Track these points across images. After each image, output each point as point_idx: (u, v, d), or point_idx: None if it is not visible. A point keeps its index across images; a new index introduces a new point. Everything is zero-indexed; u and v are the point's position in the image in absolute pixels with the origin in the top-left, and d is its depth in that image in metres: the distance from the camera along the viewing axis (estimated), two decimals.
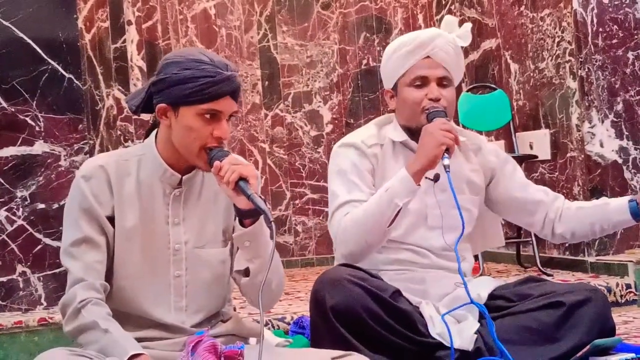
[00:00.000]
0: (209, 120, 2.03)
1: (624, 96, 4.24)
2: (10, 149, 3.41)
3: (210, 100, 2.02)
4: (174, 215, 2.11)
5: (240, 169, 1.97)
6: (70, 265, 2.06)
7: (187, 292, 2.12)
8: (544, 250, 4.54)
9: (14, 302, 3.38)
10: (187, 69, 2.02)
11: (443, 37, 2.56)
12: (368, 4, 5.55)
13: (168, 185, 2.11)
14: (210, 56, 2.06)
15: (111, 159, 2.13)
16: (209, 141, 2.04)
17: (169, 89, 2.04)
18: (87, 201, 2.07)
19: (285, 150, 5.48)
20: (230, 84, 2.04)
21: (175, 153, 2.09)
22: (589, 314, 2.41)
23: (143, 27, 5.27)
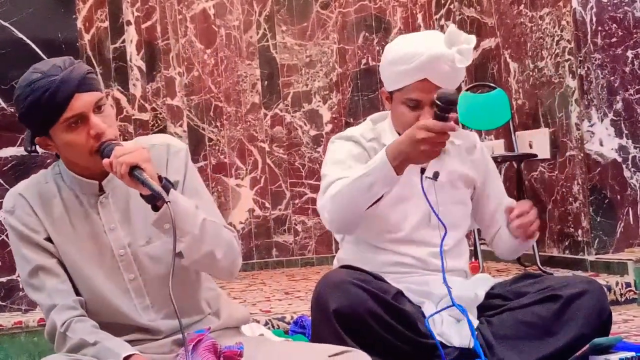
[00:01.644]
0: (78, 126, 1.96)
1: (624, 95, 4.24)
2: (10, 150, 3.41)
3: (62, 111, 1.93)
4: (108, 221, 2.07)
5: (127, 159, 1.90)
6: (37, 297, 2.05)
7: (149, 292, 2.08)
8: (544, 249, 4.54)
9: (13, 302, 3.38)
10: (27, 97, 1.94)
11: (443, 59, 2.44)
12: (367, 4, 5.55)
13: (91, 195, 2.07)
14: (41, 69, 1.97)
15: (30, 184, 2.10)
16: (91, 144, 1.97)
17: (28, 123, 2.00)
18: (20, 232, 2.05)
19: (284, 149, 5.48)
20: (69, 83, 1.94)
21: (82, 166, 2.05)
22: (586, 305, 2.41)
23: (142, 27, 5.28)
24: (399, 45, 2.54)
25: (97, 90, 1.99)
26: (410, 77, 2.47)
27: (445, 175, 2.58)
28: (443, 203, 2.55)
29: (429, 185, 2.53)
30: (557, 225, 4.47)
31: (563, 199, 4.40)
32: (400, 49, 2.51)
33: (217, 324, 2.15)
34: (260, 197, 5.44)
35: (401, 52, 2.49)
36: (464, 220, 2.65)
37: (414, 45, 2.48)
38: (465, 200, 2.64)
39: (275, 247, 5.37)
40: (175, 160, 2.08)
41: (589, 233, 4.20)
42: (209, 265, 2.06)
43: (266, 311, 3.53)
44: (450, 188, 2.60)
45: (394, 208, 2.56)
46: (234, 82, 5.46)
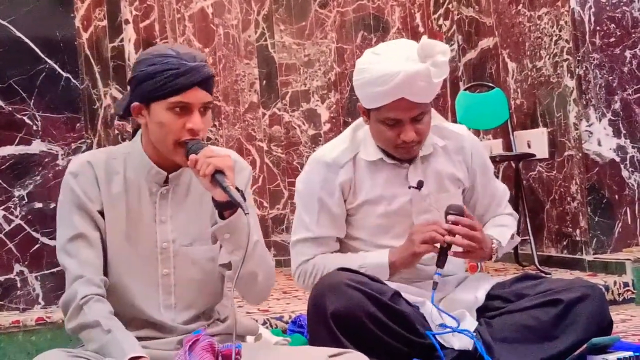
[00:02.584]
0: (180, 114, 2.01)
1: (622, 95, 4.24)
2: (8, 148, 3.40)
3: (177, 93, 2.00)
4: (161, 213, 2.11)
5: (215, 161, 1.95)
6: (68, 262, 2.05)
7: (176, 290, 2.11)
8: (542, 248, 4.54)
9: (11, 301, 3.38)
10: (152, 64, 2.02)
11: (418, 76, 2.38)
12: (365, 3, 5.55)
13: (154, 183, 2.11)
14: (177, 49, 2.05)
15: (100, 155, 2.13)
16: (182, 135, 2.02)
17: (138, 86, 2.04)
18: (78, 197, 2.07)
19: (283, 149, 5.48)
20: (196, 74, 2.01)
21: (158, 151, 2.08)
22: (587, 310, 2.40)
23: (140, 26, 5.27)
24: (372, 65, 2.45)
25: (211, 94, 2.07)
26: (387, 98, 2.42)
27: (432, 179, 2.58)
28: (428, 210, 2.55)
29: (414, 195, 2.54)
30: (555, 225, 4.47)
31: (561, 199, 4.40)
32: (374, 70, 2.43)
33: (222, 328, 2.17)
34: (258, 197, 5.43)
35: (375, 74, 2.42)
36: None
37: (389, 65, 2.40)
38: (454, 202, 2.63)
39: (273, 246, 5.37)
40: (239, 177, 2.11)
41: (587, 233, 4.21)
42: (249, 285, 2.10)
43: (264, 310, 3.53)
44: (438, 192, 2.59)
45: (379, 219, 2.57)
46: (232, 82, 5.45)
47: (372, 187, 2.56)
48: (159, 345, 2.07)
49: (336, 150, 2.60)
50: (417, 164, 2.57)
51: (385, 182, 2.56)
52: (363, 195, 2.56)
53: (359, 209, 2.58)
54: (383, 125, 2.47)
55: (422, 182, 2.54)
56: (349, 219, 2.61)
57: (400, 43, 2.55)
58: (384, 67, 2.41)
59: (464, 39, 5.30)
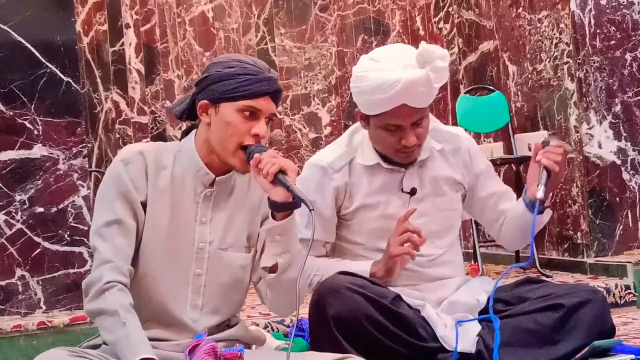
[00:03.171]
0: (248, 118, 2.06)
1: (622, 97, 4.24)
2: (9, 153, 3.40)
3: (250, 97, 2.06)
4: (202, 214, 2.13)
5: (280, 162, 2.00)
6: (100, 245, 2.06)
7: (205, 292, 2.13)
8: (543, 251, 4.54)
9: (13, 305, 3.38)
10: (230, 67, 2.08)
11: (418, 83, 2.38)
12: (366, 6, 5.56)
13: (201, 184, 2.13)
14: (254, 60, 2.13)
15: (151, 148, 2.15)
16: (246, 139, 2.06)
17: (212, 85, 2.08)
18: (124, 184, 2.08)
19: (283, 152, 5.48)
20: (270, 84, 2.08)
21: (212, 153, 2.11)
22: (589, 315, 2.40)
23: (141, 30, 5.28)
24: (371, 73, 2.44)
25: (278, 106, 2.14)
26: (387, 105, 2.42)
27: (429, 183, 2.57)
28: (424, 214, 2.55)
29: (406, 201, 2.54)
30: (556, 228, 4.47)
31: (562, 202, 4.40)
32: (373, 78, 2.42)
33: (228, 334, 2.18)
34: None
35: (374, 82, 2.41)
36: (452, 225, 2.64)
37: (388, 73, 2.40)
38: (451, 205, 2.62)
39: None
40: None
41: (588, 235, 4.20)
42: (287, 291, 2.11)
43: (266, 314, 3.53)
44: (435, 196, 2.58)
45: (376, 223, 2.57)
46: None
47: (368, 191, 2.56)
48: (169, 347, 2.08)
49: (332, 155, 2.61)
50: (413, 169, 2.57)
51: (381, 186, 2.56)
52: (359, 199, 2.57)
53: (356, 213, 2.58)
54: (383, 131, 2.47)
55: (416, 189, 2.55)
56: (347, 224, 2.60)
57: (397, 49, 2.53)
58: (383, 75, 2.40)
59: (464, 42, 5.30)
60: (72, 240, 3.39)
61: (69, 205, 3.39)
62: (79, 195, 3.41)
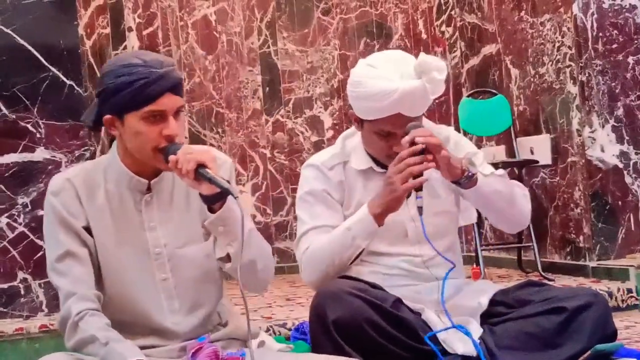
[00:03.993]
0: (155, 122, 2.01)
1: (625, 101, 4.24)
2: (12, 156, 3.41)
3: (149, 102, 1.99)
4: (149, 220, 2.10)
5: (195, 157, 1.95)
6: (59, 281, 2.06)
7: (178, 294, 2.11)
8: (545, 255, 4.54)
9: (15, 308, 3.38)
10: (120, 75, 2.00)
11: (415, 93, 2.38)
12: (368, 10, 5.56)
13: (137, 192, 2.10)
14: (143, 57, 2.03)
15: (78, 172, 2.13)
16: (159, 142, 2.01)
17: (110, 99, 2.02)
18: (61, 215, 2.07)
19: (286, 155, 5.48)
20: (166, 80, 2.00)
21: (137, 160, 2.07)
22: (591, 319, 2.40)
23: (144, 33, 5.28)
24: (369, 80, 2.43)
25: (182, 97, 2.06)
26: (383, 113, 2.42)
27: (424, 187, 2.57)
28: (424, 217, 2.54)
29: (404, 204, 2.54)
30: (558, 232, 4.47)
31: (564, 205, 4.39)
32: (370, 85, 2.42)
33: (223, 333, 2.16)
34: (261, 204, 5.44)
35: (371, 90, 2.41)
36: (449, 227, 2.63)
37: (385, 82, 2.40)
38: (447, 207, 2.61)
39: (276, 253, 5.37)
40: (221, 171, 2.10)
41: (591, 239, 4.20)
42: (249, 274, 2.08)
43: (267, 317, 3.53)
44: (429, 198, 2.58)
45: None
46: (235, 89, 5.46)
47: (363, 195, 2.56)
48: (162, 353, 2.07)
49: (324, 156, 2.63)
50: None
51: (376, 190, 2.56)
52: (355, 203, 2.57)
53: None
54: (376, 136, 2.48)
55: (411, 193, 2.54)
56: None
57: (396, 56, 2.52)
58: (381, 84, 2.40)
59: (466, 46, 5.30)
60: None
61: None
62: None
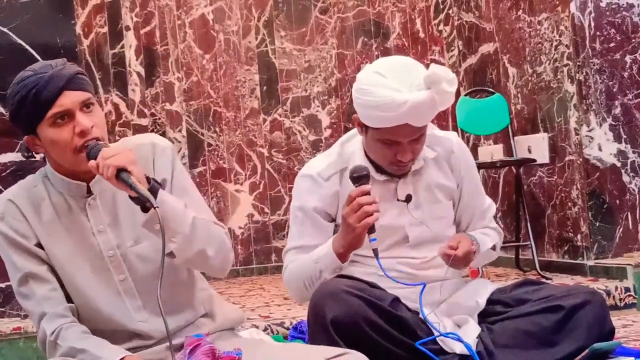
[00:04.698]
0: (64, 123, 1.96)
1: (622, 100, 4.24)
2: (9, 155, 3.40)
3: (49, 107, 1.95)
4: (97, 223, 2.07)
5: (113, 162, 1.90)
6: (26, 305, 2.05)
7: (140, 292, 2.08)
8: (543, 254, 4.54)
9: (12, 308, 3.38)
10: (16, 93, 1.97)
11: (424, 105, 2.36)
12: (366, 9, 5.56)
13: (79, 197, 2.07)
14: (34, 67, 2.00)
15: (19, 190, 2.10)
16: (76, 142, 1.97)
17: (17, 120, 2.00)
18: (11, 238, 2.04)
19: (283, 155, 5.49)
20: (57, 80, 1.95)
21: (68, 168, 2.04)
22: (588, 317, 2.40)
23: (141, 32, 5.28)
24: (377, 89, 2.40)
25: (86, 91, 2.00)
26: (390, 122, 2.40)
27: (423, 191, 2.57)
28: (421, 222, 2.54)
29: (403, 208, 2.54)
30: (556, 230, 4.47)
31: (562, 204, 4.40)
32: (379, 95, 2.39)
33: (213, 327, 2.15)
34: (259, 202, 5.44)
35: (380, 100, 2.38)
36: (447, 232, 2.62)
37: (395, 93, 2.37)
38: (446, 213, 2.61)
39: (274, 252, 5.37)
40: (161, 159, 2.09)
41: (588, 238, 4.21)
42: (201, 263, 2.07)
43: (265, 316, 3.53)
44: (429, 203, 2.58)
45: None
46: (233, 88, 5.46)
47: None
48: (150, 355, 2.05)
49: (321, 165, 2.59)
50: (407, 178, 2.56)
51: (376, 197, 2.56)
52: None
53: None
54: (381, 144, 2.46)
55: (411, 196, 2.54)
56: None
57: (405, 65, 2.47)
58: (390, 94, 2.37)
59: (464, 45, 5.31)
60: None
61: None
62: None
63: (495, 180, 4.98)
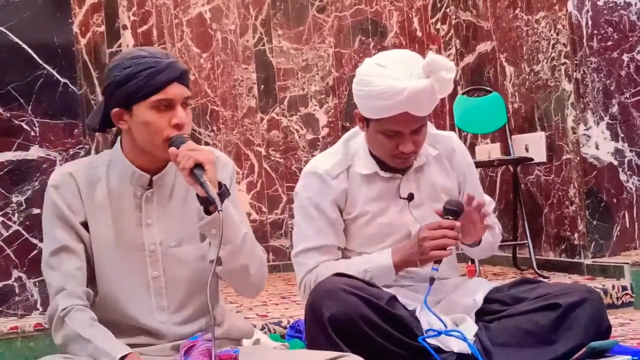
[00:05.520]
0: (164, 111, 2.01)
1: (619, 98, 4.24)
2: (6, 154, 3.40)
3: (157, 91, 2.00)
4: (147, 216, 2.10)
5: (195, 155, 1.95)
6: (50, 276, 2.06)
7: (167, 292, 2.10)
8: (540, 252, 4.54)
9: (9, 307, 3.38)
10: (127, 67, 2.02)
11: (423, 93, 2.39)
12: (363, 8, 5.56)
13: (139, 187, 2.10)
14: (148, 50, 2.07)
15: (80, 166, 2.12)
16: (169, 132, 2.01)
17: (116, 92, 2.03)
18: (60, 210, 2.07)
19: (281, 153, 5.48)
20: (173, 70, 2.02)
21: (142, 154, 2.07)
22: (585, 315, 2.40)
23: (138, 31, 5.28)
24: (377, 79, 2.43)
25: (189, 89, 2.07)
26: (389, 111, 2.42)
27: (426, 189, 2.58)
28: (423, 219, 2.55)
29: (404, 206, 2.55)
30: (553, 229, 4.47)
31: (559, 203, 4.40)
32: (378, 84, 2.42)
33: (218, 333, 2.16)
34: (256, 201, 5.43)
35: (379, 88, 2.41)
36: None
37: (393, 81, 2.40)
38: None
39: (271, 251, 5.37)
40: (222, 172, 2.11)
41: (586, 236, 4.21)
42: (241, 278, 2.10)
43: (263, 315, 3.53)
44: (432, 202, 2.59)
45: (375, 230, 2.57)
46: (230, 86, 5.46)
47: (366, 199, 2.57)
48: (153, 352, 2.06)
49: (329, 162, 2.60)
50: (410, 176, 2.58)
51: (379, 194, 2.57)
52: (358, 207, 2.58)
53: (355, 221, 2.59)
54: (382, 136, 2.48)
55: (413, 194, 2.56)
56: (345, 231, 2.61)
57: (404, 55, 2.51)
58: (389, 82, 2.40)
59: (461, 43, 5.31)
60: None
61: None
62: None
63: (493, 179, 4.98)
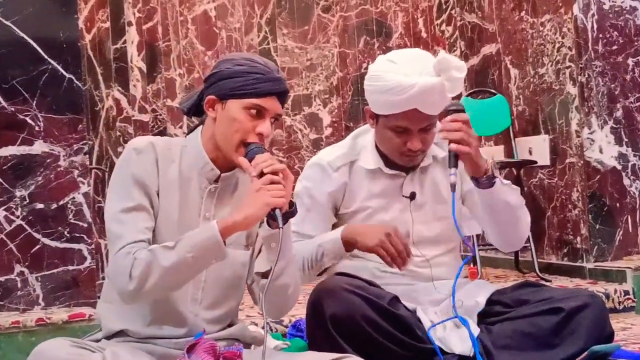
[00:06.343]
0: (254, 116, 2.08)
1: (624, 102, 4.24)
2: (10, 149, 3.40)
3: (257, 96, 2.08)
4: (206, 209, 2.15)
5: (275, 167, 2.01)
6: (120, 229, 2.04)
7: (205, 287, 2.14)
8: (543, 256, 4.54)
9: (11, 302, 3.37)
10: (239, 64, 2.10)
11: (434, 90, 2.41)
12: (368, 8, 5.56)
13: (205, 179, 2.15)
14: (264, 60, 2.14)
15: (160, 141, 2.17)
16: (250, 137, 2.08)
17: (221, 81, 2.10)
18: (139, 172, 2.09)
19: (284, 153, 5.48)
20: (278, 85, 2.10)
21: (217, 149, 2.12)
22: (588, 319, 2.40)
23: (143, 28, 5.27)
24: (388, 74, 2.46)
25: (283, 108, 2.16)
26: (399, 107, 2.44)
27: (430, 189, 2.58)
28: (424, 221, 2.55)
29: (405, 205, 2.55)
30: (556, 233, 4.47)
31: (562, 206, 4.39)
32: (388, 79, 2.44)
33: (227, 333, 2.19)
34: None
35: (390, 84, 2.43)
36: (451, 234, 2.62)
37: (404, 77, 2.42)
38: (449, 214, 2.62)
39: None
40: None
41: (588, 240, 4.20)
42: (279, 296, 2.13)
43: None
44: (434, 203, 2.59)
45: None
46: None
47: (368, 195, 2.58)
48: (169, 344, 2.09)
49: (332, 155, 2.64)
50: (414, 175, 2.58)
51: (382, 191, 2.58)
52: (358, 202, 2.58)
53: (354, 215, 2.60)
54: (391, 132, 2.49)
55: (415, 193, 2.57)
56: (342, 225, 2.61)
57: (416, 53, 2.54)
58: (399, 78, 2.42)
59: (466, 45, 5.30)
60: (72, 237, 3.38)
61: (69, 202, 3.39)
62: (79, 192, 3.41)
63: None
